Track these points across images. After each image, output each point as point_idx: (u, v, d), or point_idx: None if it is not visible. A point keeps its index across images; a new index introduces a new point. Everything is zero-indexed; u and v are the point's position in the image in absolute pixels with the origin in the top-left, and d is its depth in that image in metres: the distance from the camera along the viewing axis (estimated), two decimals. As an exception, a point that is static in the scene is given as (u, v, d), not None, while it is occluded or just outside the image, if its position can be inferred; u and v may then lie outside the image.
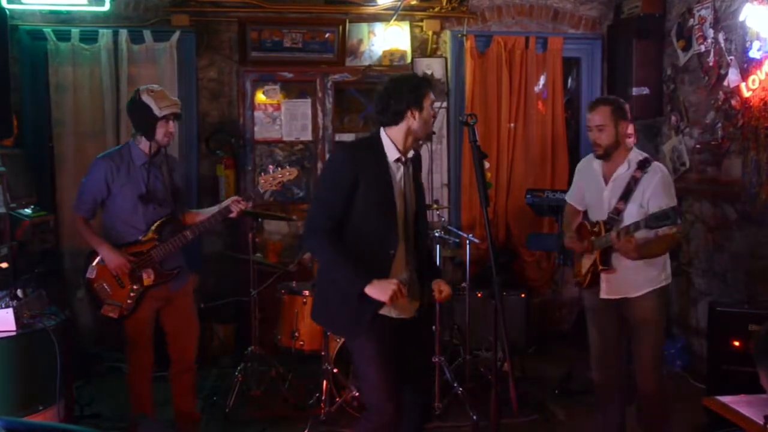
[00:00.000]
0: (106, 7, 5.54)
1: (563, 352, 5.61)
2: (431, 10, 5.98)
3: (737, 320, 4.06)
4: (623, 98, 5.83)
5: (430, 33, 6.01)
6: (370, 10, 5.88)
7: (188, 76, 5.71)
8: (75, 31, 5.50)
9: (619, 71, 5.91)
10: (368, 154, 2.90)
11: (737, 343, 4.03)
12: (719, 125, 4.98)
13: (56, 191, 5.59)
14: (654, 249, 3.32)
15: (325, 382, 4.20)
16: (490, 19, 6.09)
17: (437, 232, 4.55)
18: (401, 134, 2.91)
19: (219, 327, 5.57)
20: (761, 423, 2.28)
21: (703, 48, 5.14)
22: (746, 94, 4.65)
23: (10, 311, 3.35)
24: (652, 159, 3.44)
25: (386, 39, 5.96)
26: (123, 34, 5.51)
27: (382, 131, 2.94)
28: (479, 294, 5.25)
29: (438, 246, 4.53)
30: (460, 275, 5.01)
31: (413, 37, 6.01)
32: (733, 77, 4.77)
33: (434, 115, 3.03)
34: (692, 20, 5.25)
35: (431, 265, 3.17)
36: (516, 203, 5.96)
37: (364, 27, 5.96)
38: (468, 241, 4.74)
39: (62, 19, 5.60)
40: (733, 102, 4.81)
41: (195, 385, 3.99)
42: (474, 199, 5.93)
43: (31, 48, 5.57)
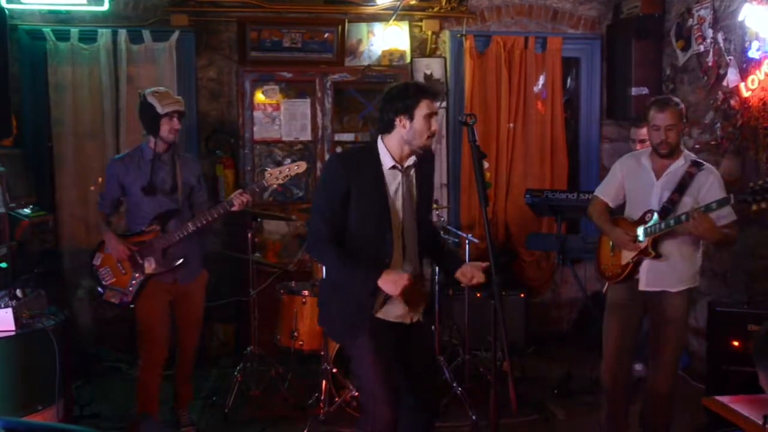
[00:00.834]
0: (105, 7, 5.53)
1: (563, 352, 5.61)
2: (430, 10, 5.98)
3: (737, 320, 4.06)
4: (622, 98, 5.97)
5: (430, 33, 6.01)
6: (370, 10, 5.88)
7: (187, 76, 5.71)
8: (74, 31, 5.49)
9: (619, 71, 5.92)
10: (361, 163, 2.89)
11: (737, 343, 4.03)
12: (718, 125, 4.98)
13: (55, 191, 5.58)
14: (718, 236, 3.35)
15: (325, 382, 4.20)
16: (490, 19, 6.09)
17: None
18: (395, 142, 2.89)
19: (218, 327, 5.57)
20: (761, 423, 2.28)
21: (702, 48, 5.14)
22: (745, 94, 4.66)
23: (10, 311, 3.36)
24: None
25: (385, 39, 5.95)
26: (122, 34, 5.51)
27: (380, 139, 2.94)
28: (478, 294, 5.24)
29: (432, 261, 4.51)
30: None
31: (412, 37, 6.00)
32: (732, 77, 4.78)
33: (432, 131, 2.85)
34: (691, 20, 5.26)
35: (450, 257, 3.15)
36: (515, 203, 5.96)
37: (364, 27, 5.95)
38: (467, 241, 4.74)
39: (61, 19, 5.59)
40: (732, 102, 4.81)
41: (192, 370, 4.20)
42: (473, 199, 5.93)
43: (31, 48, 5.57)
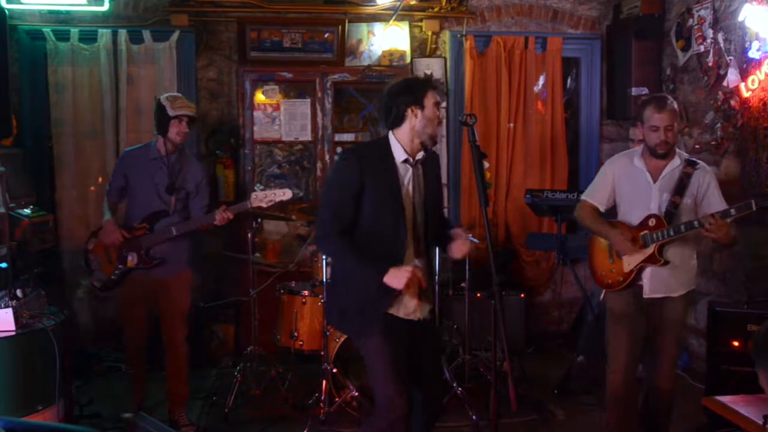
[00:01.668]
0: (106, 7, 5.53)
1: (562, 352, 5.62)
2: (430, 10, 5.98)
3: (737, 320, 4.05)
4: (622, 98, 5.97)
5: (430, 33, 6.01)
6: (370, 10, 5.88)
7: (187, 76, 5.71)
8: (74, 31, 5.49)
9: (618, 71, 5.91)
10: (374, 157, 2.93)
11: (737, 343, 4.02)
12: (718, 125, 4.98)
13: (55, 191, 5.59)
14: (731, 239, 3.35)
15: (325, 382, 4.20)
16: (490, 19, 6.09)
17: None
18: (406, 135, 2.94)
19: (218, 327, 5.57)
20: (760, 423, 2.28)
21: (703, 48, 5.14)
22: (745, 95, 4.66)
23: (10, 311, 3.36)
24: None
25: (385, 39, 5.95)
26: (122, 34, 5.51)
27: (390, 134, 2.98)
28: (478, 294, 5.23)
29: (437, 246, 4.52)
30: (460, 275, 5.00)
31: (412, 37, 6.00)
32: (733, 77, 4.77)
33: (439, 118, 2.96)
34: (691, 20, 5.26)
35: (446, 238, 3.13)
36: (515, 203, 5.96)
37: (364, 27, 5.95)
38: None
39: (61, 19, 5.59)
40: (733, 102, 4.81)
41: (183, 368, 4.20)
42: (473, 199, 5.93)
43: (31, 48, 5.57)
